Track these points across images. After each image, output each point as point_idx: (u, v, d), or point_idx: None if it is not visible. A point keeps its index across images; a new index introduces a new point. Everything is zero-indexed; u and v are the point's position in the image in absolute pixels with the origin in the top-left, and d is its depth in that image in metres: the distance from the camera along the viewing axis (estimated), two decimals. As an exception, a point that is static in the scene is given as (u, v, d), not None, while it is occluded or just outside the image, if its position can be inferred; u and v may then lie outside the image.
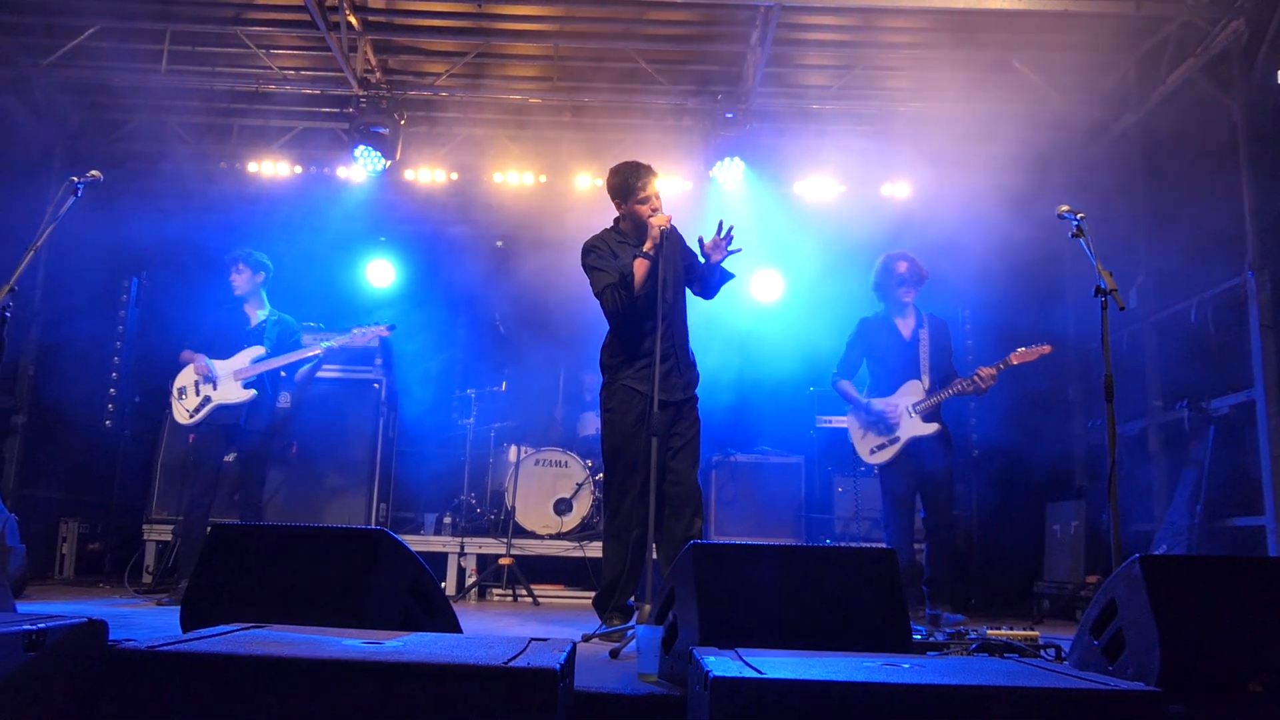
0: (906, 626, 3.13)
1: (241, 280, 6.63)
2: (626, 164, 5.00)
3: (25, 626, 2.18)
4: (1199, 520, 6.41)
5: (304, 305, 8.79)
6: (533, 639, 2.51)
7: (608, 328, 5.07)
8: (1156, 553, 6.59)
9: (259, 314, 6.71)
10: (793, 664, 2.29)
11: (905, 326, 6.21)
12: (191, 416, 6.45)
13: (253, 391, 6.46)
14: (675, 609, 3.18)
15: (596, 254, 4.94)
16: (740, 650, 2.52)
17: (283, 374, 6.74)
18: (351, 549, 3.17)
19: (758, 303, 9.41)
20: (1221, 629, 2.95)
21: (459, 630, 3.36)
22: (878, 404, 6.09)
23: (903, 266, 6.17)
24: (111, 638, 2.49)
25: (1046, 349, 5.95)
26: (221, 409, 6.43)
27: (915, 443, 5.97)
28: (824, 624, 3.07)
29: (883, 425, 6.05)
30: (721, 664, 2.23)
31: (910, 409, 6.03)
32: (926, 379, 6.09)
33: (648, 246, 4.72)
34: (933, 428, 5.98)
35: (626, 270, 4.76)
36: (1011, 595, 8.16)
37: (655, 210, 4.90)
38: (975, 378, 5.88)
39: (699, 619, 2.96)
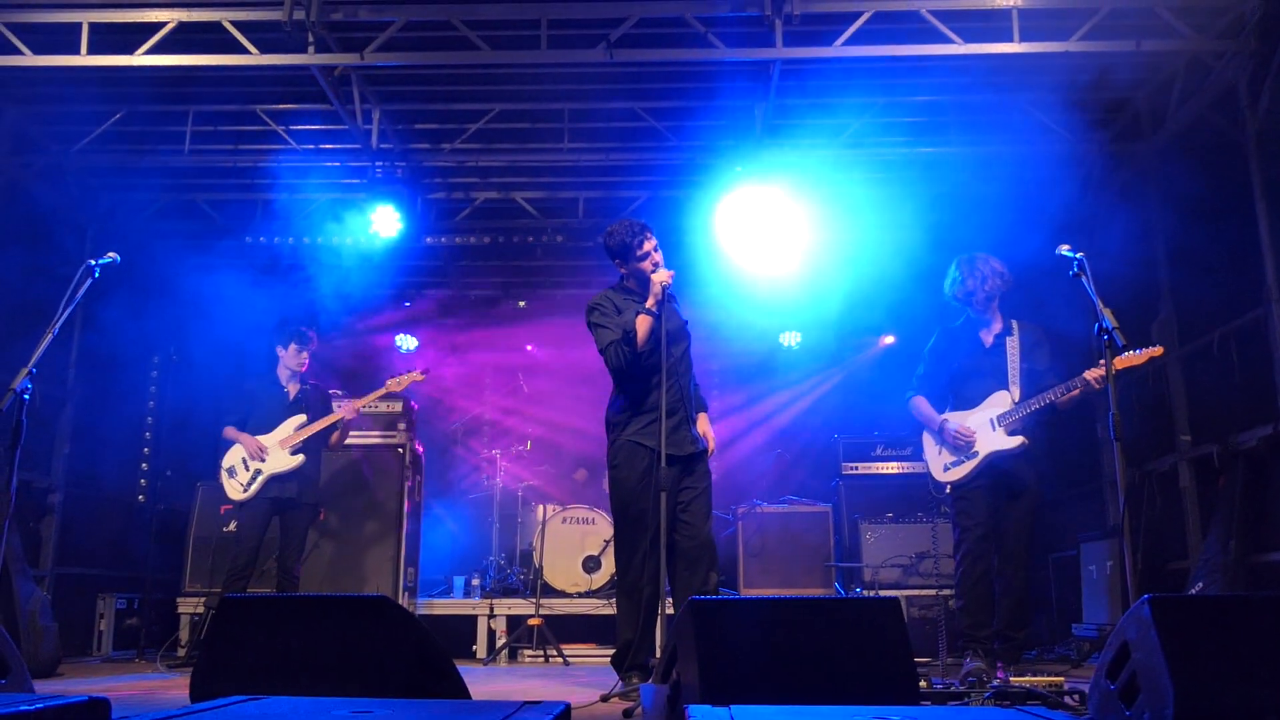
0: (913, 676, 3.10)
1: (295, 358, 6.84)
2: (623, 224, 5.03)
3: (23, 708, 2.22)
4: (1234, 556, 6.28)
5: (330, 373, 8.96)
6: (525, 702, 2.52)
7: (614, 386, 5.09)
8: (1192, 590, 6.45)
9: (296, 386, 6.88)
10: (780, 720, 2.28)
11: (988, 334, 5.63)
12: (245, 491, 6.57)
13: (302, 457, 6.63)
14: (678, 666, 3.17)
15: (600, 311, 4.98)
16: (734, 707, 2.51)
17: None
18: (356, 616, 3.20)
19: (780, 352, 9.43)
20: (1236, 669, 2.89)
21: (466, 694, 3.37)
22: (955, 418, 5.51)
23: (982, 270, 5.58)
24: (116, 715, 2.52)
25: (1158, 350, 5.15)
26: (274, 480, 6.58)
27: (996, 458, 5.36)
28: (827, 676, 3.04)
29: (961, 440, 5.43)
30: (708, 723, 2.22)
31: (994, 421, 5.41)
32: (1016, 390, 5.43)
33: (650, 303, 4.76)
34: (1016, 441, 5.33)
35: (630, 327, 4.80)
36: (1053, 639, 8.03)
37: (657, 265, 4.94)
38: (1081, 380, 5.17)
39: (699, 676, 2.95)
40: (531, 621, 7.50)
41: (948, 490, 5.53)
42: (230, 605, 3.31)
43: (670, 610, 4.66)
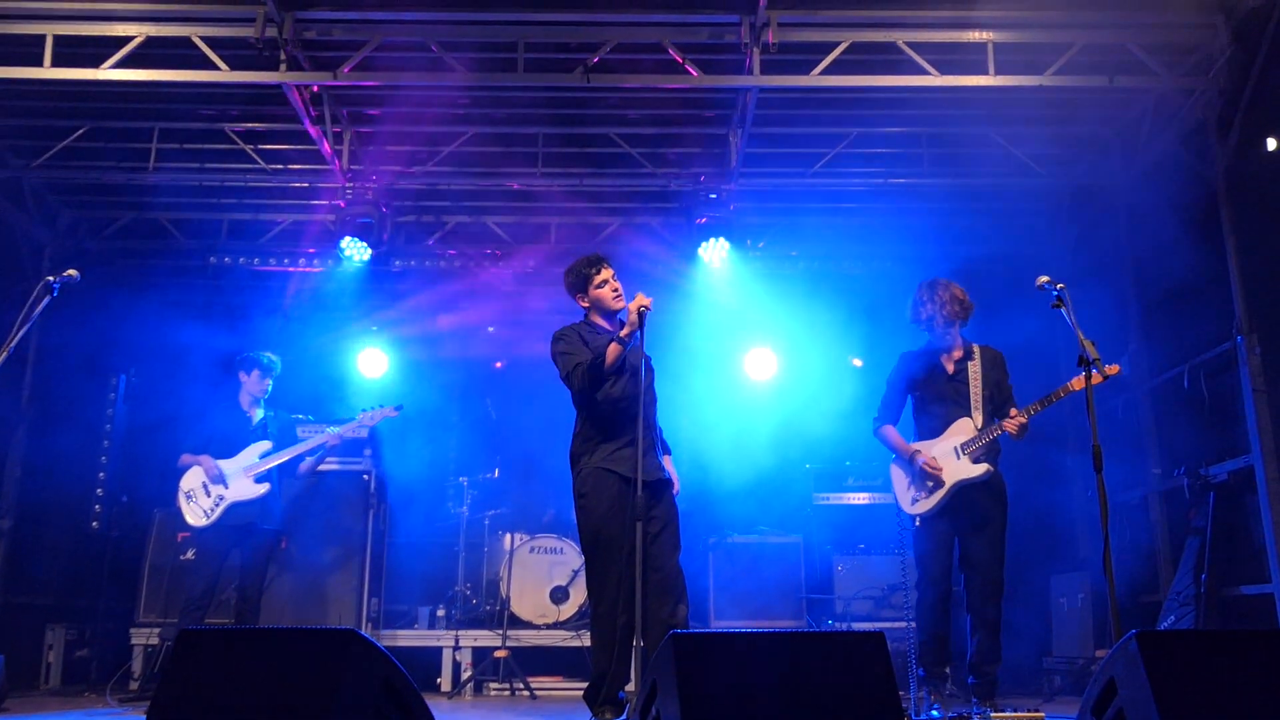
0: (898, 711, 3.01)
1: (258, 384, 6.64)
2: (577, 260, 4.96)
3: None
4: (1205, 590, 6.27)
5: (296, 398, 8.77)
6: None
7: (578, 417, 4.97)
8: (1164, 624, 6.44)
9: (259, 412, 6.69)
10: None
11: (949, 360, 5.47)
12: (208, 518, 6.33)
13: (267, 485, 6.43)
14: (658, 702, 3.07)
15: (565, 340, 4.85)
16: (720, 746, 2.42)
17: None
18: (321, 650, 3.07)
19: (752, 381, 9.38)
20: (1225, 706, 2.85)
21: (435, 731, 3.24)
22: (923, 448, 5.37)
23: (942, 295, 5.43)
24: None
25: (1115, 369, 4.92)
26: (236, 507, 6.35)
27: (962, 489, 5.23)
28: (811, 711, 2.95)
29: (930, 473, 5.28)
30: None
31: (959, 449, 5.28)
32: (979, 416, 5.31)
33: (625, 332, 4.64)
34: (981, 469, 5.19)
35: (599, 352, 4.69)
36: (1022, 672, 7.97)
37: (618, 292, 4.87)
38: (1031, 408, 5.14)
39: (681, 712, 2.85)
40: (498, 654, 7.35)
41: (916, 522, 5.38)
42: (190, 637, 3.16)
43: (641, 643, 4.53)
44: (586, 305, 4.98)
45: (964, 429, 5.30)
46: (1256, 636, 3.18)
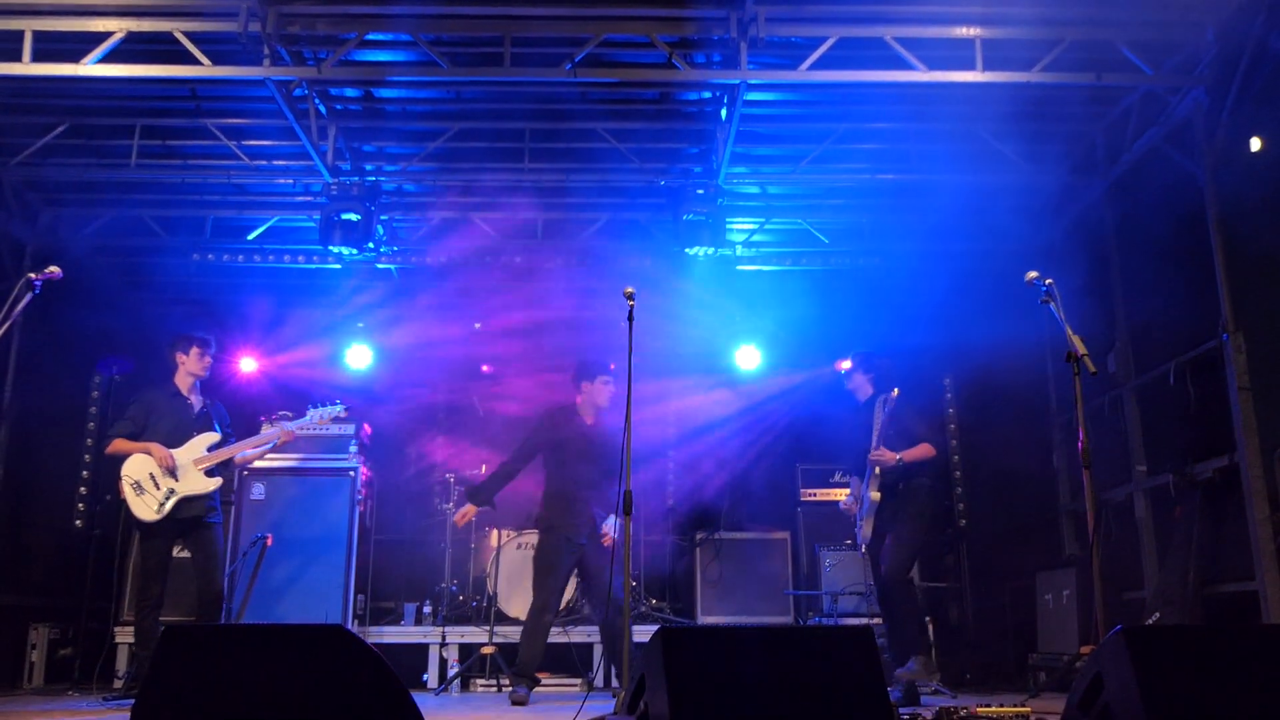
0: (886, 705, 3.01)
1: (198, 363, 6.35)
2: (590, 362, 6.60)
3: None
4: (1191, 587, 6.29)
5: (282, 394, 8.73)
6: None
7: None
8: (1149, 621, 6.46)
9: (197, 399, 6.41)
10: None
11: (866, 410, 6.47)
12: (158, 512, 6.01)
13: (219, 480, 6.19)
14: (647, 697, 3.06)
15: (537, 423, 6.65)
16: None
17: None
18: (308, 647, 3.05)
19: (739, 378, 9.37)
20: (1209, 700, 2.87)
21: (422, 727, 3.22)
22: (855, 481, 6.55)
23: (849, 375, 6.66)
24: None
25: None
26: (186, 501, 6.08)
27: (874, 510, 6.22)
28: (801, 706, 2.95)
29: (852, 513, 6.53)
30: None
31: (869, 481, 6.27)
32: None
33: None
34: (877, 496, 6.19)
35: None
36: (1008, 668, 8.00)
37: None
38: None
39: (669, 707, 2.84)
40: (484, 650, 7.32)
41: (863, 549, 6.54)
42: (175, 635, 3.14)
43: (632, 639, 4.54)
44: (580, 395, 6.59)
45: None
46: (1241, 633, 3.20)
